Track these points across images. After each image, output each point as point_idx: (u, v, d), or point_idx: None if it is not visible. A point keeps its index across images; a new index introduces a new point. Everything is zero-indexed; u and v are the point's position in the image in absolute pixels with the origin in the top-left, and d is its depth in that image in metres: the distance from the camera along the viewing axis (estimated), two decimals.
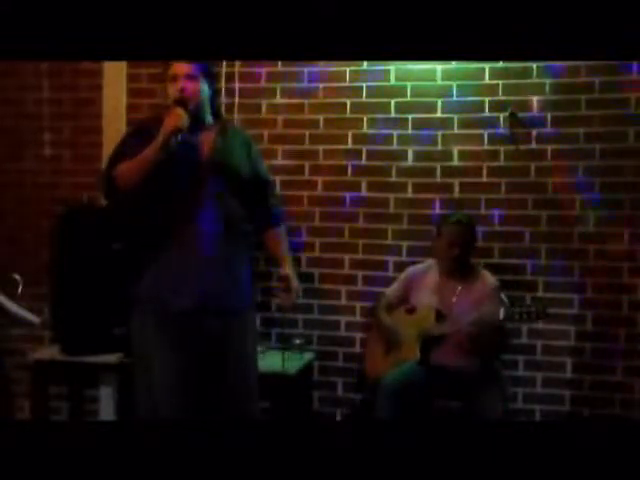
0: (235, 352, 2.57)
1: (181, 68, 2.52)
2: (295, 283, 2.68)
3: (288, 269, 2.69)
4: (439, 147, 3.62)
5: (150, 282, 2.52)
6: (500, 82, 3.54)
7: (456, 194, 3.60)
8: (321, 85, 3.72)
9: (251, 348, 2.68)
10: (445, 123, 3.60)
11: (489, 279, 3.29)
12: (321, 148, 3.73)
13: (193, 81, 2.53)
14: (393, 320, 3.36)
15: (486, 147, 3.57)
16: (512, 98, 3.52)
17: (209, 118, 2.63)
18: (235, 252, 2.58)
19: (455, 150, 3.60)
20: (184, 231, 2.49)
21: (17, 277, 3.25)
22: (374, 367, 3.37)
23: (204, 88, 2.58)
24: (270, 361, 3.36)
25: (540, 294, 3.49)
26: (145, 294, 2.53)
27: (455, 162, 3.60)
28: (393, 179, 3.66)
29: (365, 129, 3.68)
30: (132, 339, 2.57)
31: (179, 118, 2.43)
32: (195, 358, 2.49)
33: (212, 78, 2.64)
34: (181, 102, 2.49)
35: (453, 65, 3.57)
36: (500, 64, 3.52)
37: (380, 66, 3.64)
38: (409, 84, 3.63)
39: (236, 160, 2.60)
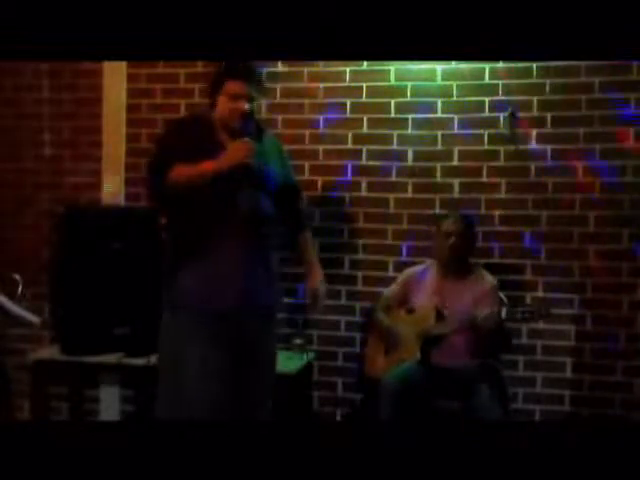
0: (264, 351, 2.65)
1: (244, 89, 2.52)
2: (322, 293, 2.74)
3: (316, 279, 2.73)
4: (439, 147, 3.62)
5: (194, 281, 2.52)
6: (500, 82, 3.54)
7: (456, 194, 3.60)
8: (321, 85, 3.72)
9: (275, 347, 2.77)
10: (445, 123, 3.61)
11: (488, 278, 3.29)
12: (321, 148, 3.73)
13: (252, 103, 2.55)
14: (393, 321, 3.36)
15: (486, 147, 3.57)
16: (512, 98, 3.52)
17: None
18: (269, 253, 2.63)
19: (455, 150, 3.60)
20: (223, 232, 2.50)
21: (17, 277, 3.25)
22: (374, 367, 3.37)
23: (256, 107, 2.60)
24: None
25: (540, 294, 3.49)
26: (182, 294, 2.53)
27: (455, 162, 3.60)
28: (393, 179, 3.67)
29: (365, 129, 3.68)
30: (162, 338, 2.57)
31: (248, 153, 2.45)
32: (231, 357, 2.51)
33: (262, 92, 2.66)
34: (246, 132, 2.52)
35: (453, 65, 3.58)
36: (500, 64, 3.52)
37: (380, 66, 3.64)
38: (409, 84, 3.63)
39: (272, 167, 2.63)
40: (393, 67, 3.63)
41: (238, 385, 2.55)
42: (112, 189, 3.85)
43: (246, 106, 2.52)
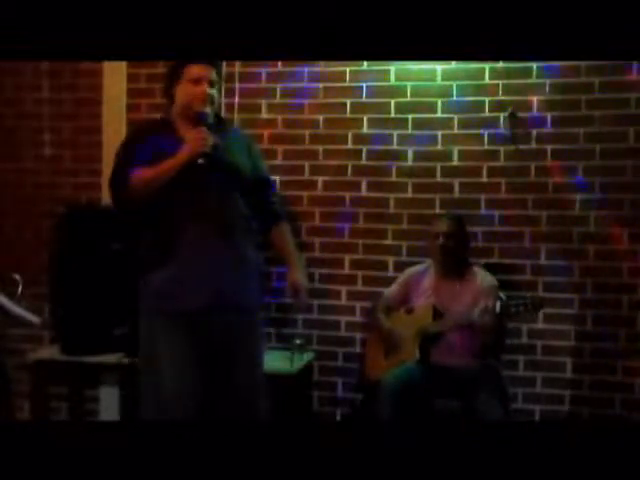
0: (244, 350, 2.59)
1: (206, 72, 2.51)
2: (303, 287, 2.69)
3: (296, 272, 2.69)
4: (439, 147, 3.62)
5: (162, 282, 2.50)
6: (500, 82, 3.54)
7: (456, 194, 3.60)
8: (321, 85, 3.72)
9: (259, 347, 2.71)
10: (445, 123, 3.60)
11: (487, 278, 3.29)
12: (321, 148, 3.73)
13: (213, 88, 2.54)
14: (392, 322, 3.36)
15: (486, 147, 3.57)
16: (512, 98, 3.52)
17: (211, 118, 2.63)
18: (244, 250, 2.59)
19: (455, 150, 3.60)
20: (194, 230, 2.49)
21: (17, 277, 3.25)
22: (374, 368, 3.36)
23: (218, 94, 2.58)
24: (270, 361, 3.36)
25: (540, 294, 3.49)
26: (156, 294, 2.51)
27: (455, 162, 3.60)
28: (393, 179, 3.66)
29: (365, 129, 3.68)
30: (140, 340, 2.56)
31: (205, 142, 2.43)
32: (206, 357, 2.49)
33: (221, 80, 2.64)
34: (204, 118, 2.49)
35: (453, 65, 3.57)
36: (500, 64, 3.52)
37: (380, 66, 3.64)
38: (409, 84, 3.63)
39: (237, 159, 2.61)
40: (393, 67, 3.63)
41: (217, 385, 2.52)
42: None
43: (208, 90, 2.51)
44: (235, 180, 2.57)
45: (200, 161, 2.44)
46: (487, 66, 3.54)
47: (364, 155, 3.69)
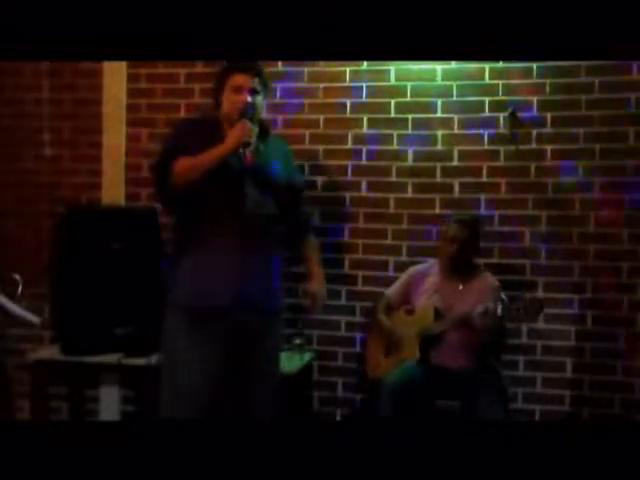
0: (262, 352, 2.61)
1: (247, 82, 2.55)
2: (321, 297, 2.70)
3: (316, 282, 2.70)
4: (439, 147, 3.62)
5: (187, 280, 2.52)
6: (500, 82, 3.54)
7: (456, 194, 3.60)
8: (321, 85, 3.72)
9: (276, 349, 2.75)
10: (445, 123, 3.60)
11: (490, 280, 3.29)
12: (321, 148, 3.73)
13: (256, 96, 2.56)
14: (392, 321, 3.36)
15: (486, 147, 3.57)
16: (512, 98, 3.52)
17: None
18: (271, 254, 2.62)
19: (455, 150, 3.60)
20: (224, 231, 2.51)
21: (17, 277, 3.25)
22: (374, 367, 3.37)
23: (261, 103, 2.61)
24: None
25: (540, 294, 3.49)
26: (181, 292, 2.53)
27: (455, 162, 3.60)
28: (393, 179, 3.67)
29: (365, 129, 3.68)
30: (164, 339, 2.57)
31: (248, 132, 2.46)
32: (226, 356, 2.51)
33: (266, 89, 2.68)
34: (248, 116, 2.52)
35: (453, 65, 3.57)
36: (500, 64, 3.52)
37: (380, 66, 3.64)
38: (409, 84, 3.63)
39: (274, 166, 2.63)
40: (393, 67, 3.63)
41: (234, 384, 2.55)
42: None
43: (248, 98, 2.53)
44: (269, 185, 2.59)
45: (244, 150, 2.47)
46: (487, 66, 3.54)
47: (364, 155, 3.69)
